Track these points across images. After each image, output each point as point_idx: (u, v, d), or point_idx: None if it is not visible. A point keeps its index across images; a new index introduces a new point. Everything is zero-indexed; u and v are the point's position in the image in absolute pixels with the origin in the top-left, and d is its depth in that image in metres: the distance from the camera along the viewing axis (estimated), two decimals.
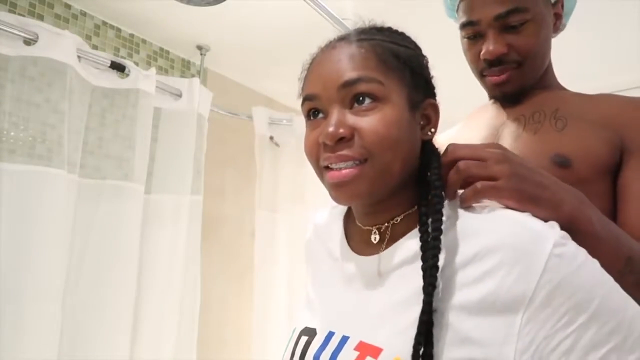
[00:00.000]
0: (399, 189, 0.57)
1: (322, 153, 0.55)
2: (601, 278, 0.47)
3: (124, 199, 1.40)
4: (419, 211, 0.56)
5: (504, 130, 0.81)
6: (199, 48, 1.88)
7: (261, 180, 1.96)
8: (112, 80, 1.43)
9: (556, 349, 0.44)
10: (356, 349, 0.52)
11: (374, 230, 0.60)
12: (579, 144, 0.72)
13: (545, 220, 0.51)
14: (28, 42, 1.21)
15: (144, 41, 1.81)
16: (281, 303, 1.91)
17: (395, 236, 0.58)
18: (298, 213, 1.93)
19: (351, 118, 0.54)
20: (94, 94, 1.39)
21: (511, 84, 0.79)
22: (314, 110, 0.57)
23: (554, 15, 0.80)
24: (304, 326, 0.63)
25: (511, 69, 0.77)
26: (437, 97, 0.61)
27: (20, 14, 1.40)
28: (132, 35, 1.77)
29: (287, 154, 2.00)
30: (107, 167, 1.41)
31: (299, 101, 0.60)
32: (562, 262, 0.46)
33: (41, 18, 1.47)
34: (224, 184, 2.08)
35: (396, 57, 0.56)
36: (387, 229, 0.59)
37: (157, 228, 1.52)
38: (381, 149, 0.53)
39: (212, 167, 1.84)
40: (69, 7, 1.56)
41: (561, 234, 0.48)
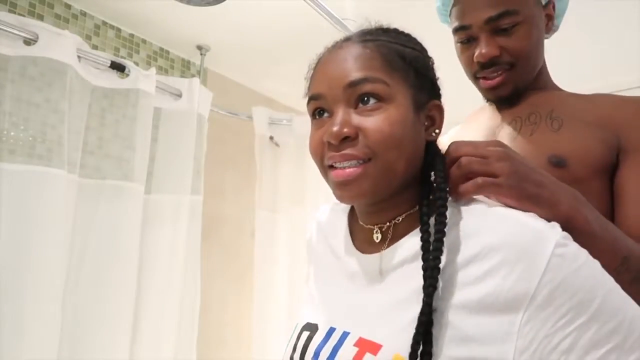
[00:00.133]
0: (401, 189, 0.57)
1: (327, 152, 0.56)
2: (602, 278, 0.48)
3: (124, 199, 1.40)
4: (420, 211, 0.56)
5: (500, 132, 0.82)
6: (199, 48, 1.88)
7: (261, 180, 1.96)
8: (112, 80, 1.44)
9: (556, 348, 0.45)
10: (356, 344, 0.53)
11: (375, 229, 0.61)
12: (574, 144, 0.72)
13: (542, 218, 0.51)
14: (28, 42, 1.21)
15: (144, 41, 1.81)
16: (281, 303, 1.91)
17: (397, 235, 0.58)
18: (298, 213, 1.93)
19: (356, 118, 0.54)
20: (94, 94, 1.39)
21: (505, 86, 0.79)
22: (319, 109, 0.58)
23: (545, 17, 0.80)
24: (306, 322, 0.63)
25: (504, 71, 0.78)
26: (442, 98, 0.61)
27: (20, 14, 1.40)
28: (132, 35, 1.77)
29: (287, 154, 2.00)
30: (107, 167, 1.41)
31: (299, 101, 0.60)
32: (564, 262, 0.46)
33: (41, 18, 1.47)
34: (224, 184, 2.08)
35: (402, 58, 0.56)
36: (389, 228, 0.60)
37: (157, 228, 1.52)
38: (385, 148, 0.53)
39: (212, 167, 1.84)
40: (69, 7, 1.56)
41: (563, 234, 0.48)
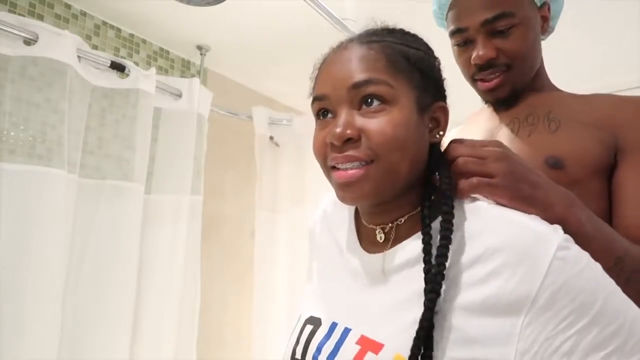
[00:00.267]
0: (404, 191, 0.57)
1: (330, 153, 0.56)
2: (603, 281, 0.48)
3: (124, 199, 1.40)
4: (421, 213, 0.56)
5: (498, 133, 0.82)
6: (199, 48, 1.88)
7: (261, 180, 1.96)
8: (112, 80, 1.43)
9: (557, 350, 0.45)
10: (358, 342, 0.53)
11: (378, 229, 0.61)
12: (572, 145, 0.72)
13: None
14: (28, 42, 1.21)
15: (144, 41, 1.81)
16: (281, 303, 1.91)
17: (400, 236, 0.58)
18: (298, 213, 1.93)
19: (359, 119, 0.54)
20: (94, 94, 1.39)
21: (502, 88, 0.80)
22: (323, 110, 0.58)
23: (540, 18, 0.81)
24: (310, 315, 0.63)
25: (501, 72, 0.78)
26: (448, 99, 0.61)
27: (20, 14, 1.39)
28: (132, 35, 1.76)
29: (287, 154, 2.00)
30: (107, 167, 1.41)
31: (299, 101, 0.60)
32: (566, 265, 0.46)
33: (41, 18, 1.47)
34: (224, 184, 2.08)
35: (406, 59, 0.56)
36: (391, 229, 0.60)
37: (157, 228, 1.52)
38: (388, 150, 0.53)
39: (212, 167, 1.84)
40: (69, 7, 1.56)
41: (565, 237, 0.48)
